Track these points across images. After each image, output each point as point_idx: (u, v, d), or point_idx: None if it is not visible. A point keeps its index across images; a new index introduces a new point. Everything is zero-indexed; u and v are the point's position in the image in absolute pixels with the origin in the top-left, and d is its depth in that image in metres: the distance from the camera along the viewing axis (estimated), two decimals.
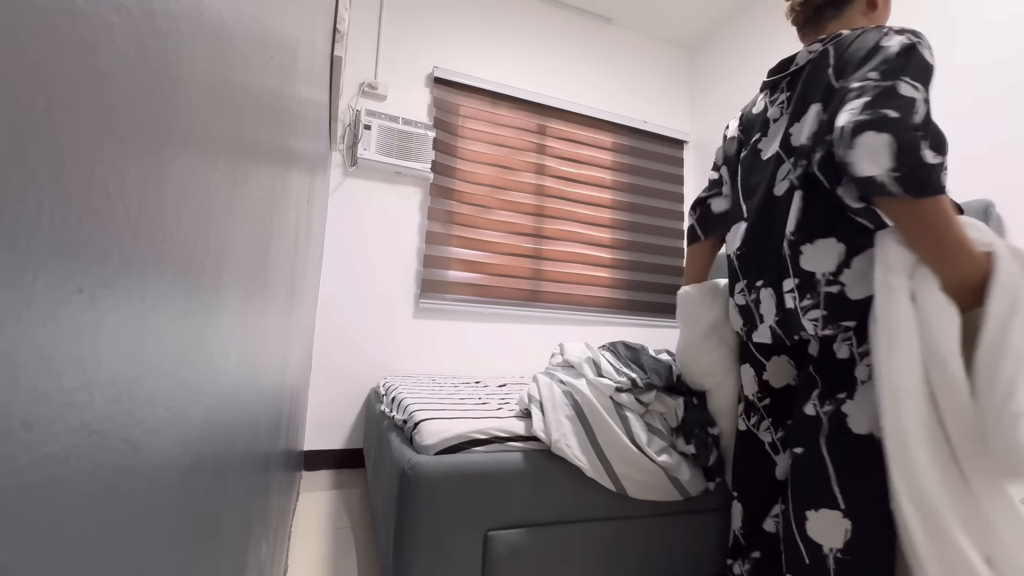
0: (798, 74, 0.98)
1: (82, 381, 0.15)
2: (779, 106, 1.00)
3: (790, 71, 1.00)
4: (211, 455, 0.32)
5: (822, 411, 0.86)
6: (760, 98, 1.08)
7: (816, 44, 0.96)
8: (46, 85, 0.12)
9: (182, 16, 0.21)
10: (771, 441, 1.04)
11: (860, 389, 0.83)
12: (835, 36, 0.93)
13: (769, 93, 1.05)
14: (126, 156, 0.17)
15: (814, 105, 0.89)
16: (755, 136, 1.04)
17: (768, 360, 1.03)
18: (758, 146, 1.02)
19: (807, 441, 0.88)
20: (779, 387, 1.02)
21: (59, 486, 0.14)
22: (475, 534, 0.99)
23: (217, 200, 0.29)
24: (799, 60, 0.98)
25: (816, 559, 0.83)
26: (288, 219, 0.69)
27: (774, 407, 1.04)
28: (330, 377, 2.25)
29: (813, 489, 0.85)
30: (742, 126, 1.11)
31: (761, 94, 1.09)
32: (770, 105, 1.03)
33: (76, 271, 0.14)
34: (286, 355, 0.85)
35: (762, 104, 1.06)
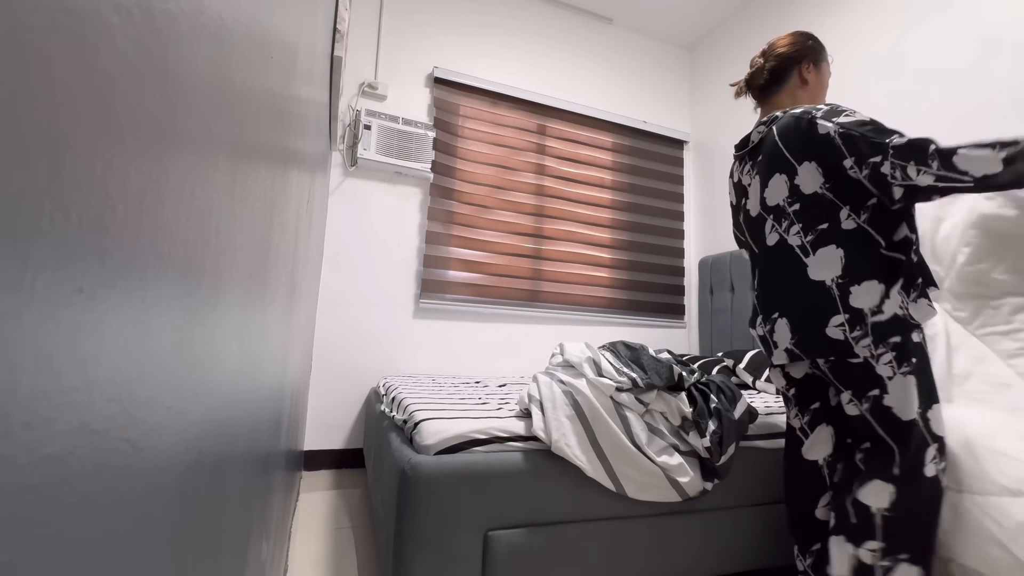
0: (755, 150, 1.20)
1: (82, 381, 0.15)
2: (747, 174, 1.23)
3: (748, 148, 1.23)
4: (211, 455, 0.32)
5: (863, 408, 1.01)
6: (735, 168, 1.30)
7: (761, 127, 1.19)
8: (46, 85, 0.12)
9: (182, 16, 0.21)
10: (800, 426, 1.17)
11: (890, 384, 0.98)
12: (773, 118, 1.16)
13: (739, 164, 1.27)
14: (126, 156, 0.17)
15: (778, 175, 1.11)
16: (742, 200, 1.26)
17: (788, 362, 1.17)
18: (746, 207, 1.23)
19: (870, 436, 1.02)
20: (799, 377, 1.16)
21: (59, 486, 0.14)
22: (475, 534, 0.99)
23: (217, 200, 0.29)
24: (753, 139, 1.21)
25: (863, 517, 0.98)
26: (288, 219, 0.69)
27: (799, 395, 1.17)
28: (330, 377, 2.25)
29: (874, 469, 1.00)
30: (734, 193, 1.32)
31: (735, 164, 1.30)
32: (742, 175, 1.25)
33: (76, 271, 0.14)
34: (286, 355, 0.85)
35: (737, 174, 1.29)
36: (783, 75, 1.22)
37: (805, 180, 1.06)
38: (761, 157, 1.16)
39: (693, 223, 3.12)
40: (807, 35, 1.24)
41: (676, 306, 3.01)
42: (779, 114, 1.15)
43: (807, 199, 1.05)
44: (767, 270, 1.16)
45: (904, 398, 0.97)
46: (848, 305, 0.99)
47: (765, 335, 1.15)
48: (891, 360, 0.98)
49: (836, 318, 1.01)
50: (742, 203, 1.25)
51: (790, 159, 1.08)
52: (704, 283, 2.89)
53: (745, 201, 1.23)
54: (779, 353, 1.11)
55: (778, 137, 1.11)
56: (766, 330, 1.14)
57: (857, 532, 0.98)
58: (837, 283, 1.01)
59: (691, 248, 3.10)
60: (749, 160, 1.22)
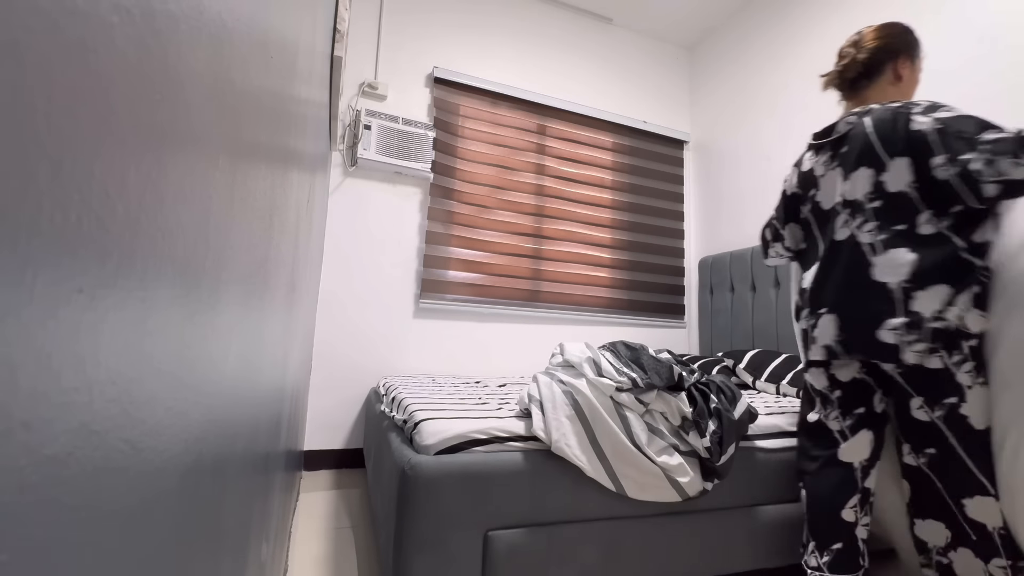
0: (840, 141, 1.15)
1: (82, 381, 0.15)
2: (823, 165, 1.18)
3: (832, 138, 1.17)
4: (211, 455, 0.32)
5: (935, 416, 1.02)
6: (807, 157, 1.25)
7: (852, 117, 1.13)
8: (46, 85, 0.12)
9: (182, 17, 0.21)
10: (839, 429, 1.15)
11: (969, 393, 0.99)
12: (868, 110, 1.11)
13: (814, 153, 1.22)
14: (126, 156, 0.17)
15: (863, 169, 1.07)
16: (811, 192, 1.22)
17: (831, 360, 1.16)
18: (816, 199, 1.20)
19: (935, 442, 1.03)
20: (847, 380, 1.15)
21: (59, 486, 0.14)
22: (475, 534, 0.99)
23: (217, 200, 0.29)
24: (839, 129, 1.15)
25: (982, 535, 1.00)
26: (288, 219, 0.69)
27: (844, 398, 1.15)
28: (330, 377, 2.25)
29: (962, 481, 1.01)
30: (799, 183, 1.27)
31: (808, 152, 1.25)
32: (816, 165, 1.21)
33: (76, 271, 0.14)
34: (286, 355, 0.85)
35: (809, 163, 1.24)
36: (876, 69, 1.16)
37: (893, 177, 1.02)
38: (846, 149, 1.12)
39: (693, 223, 3.12)
40: (905, 28, 1.17)
41: (676, 306, 3.01)
42: (875, 106, 1.10)
43: (890, 197, 1.02)
44: (828, 264, 1.13)
45: (981, 408, 0.98)
46: (908, 309, 0.98)
47: (807, 329, 1.14)
48: (971, 369, 0.98)
49: (892, 321, 1.00)
50: (809, 194, 1.22)
51: (881, 154, 1.04)
52: (704, 283, 2.89)
53: (815, 192, 1.20)
54: (817, 349, 1.10)
55: (872, 130, 1.07)
56: (809, 324, 1.13)
57: (983, 550, 0.99)
58: (902, 287, 1.00)
59: (691, 248, 3.10)
60: (830, 151, 1.17)
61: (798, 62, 2.50)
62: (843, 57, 1.20)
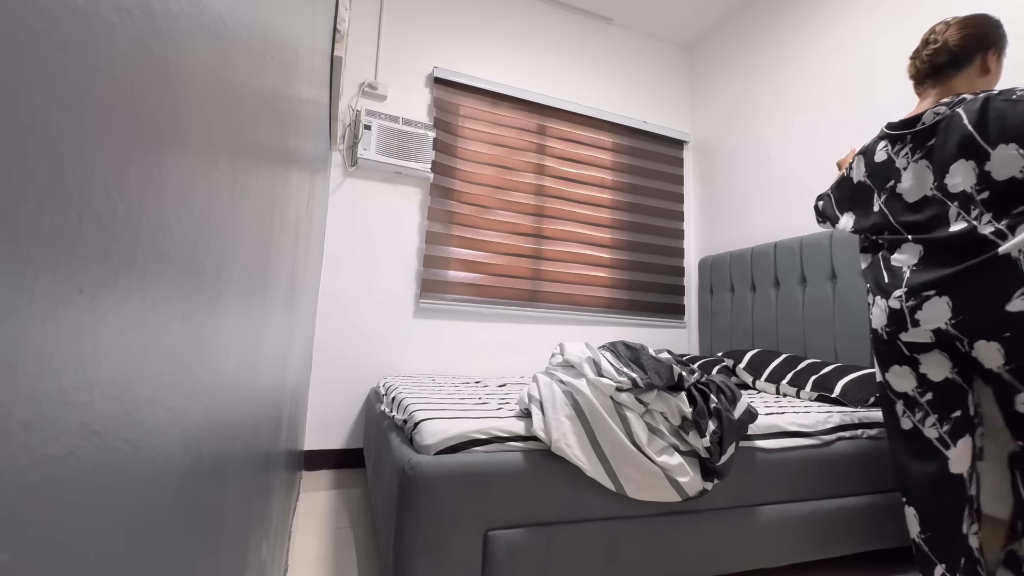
0: (927, 132, 1.12)
1: (82, 381, 0.15)
2: (905, 157, 1.16)
3: (916, 129, 1.14)
4: (211, 455, 0.32)
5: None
6: (881, 147, 1.23)
7: (941, 107, 1.10)
8: (46, 85, 0.12)
9: (182, 16, 0.21)
10: (938, 436, 1.10)
11: None
12: (960, 100, 1.08)
13: (891, 144, 1.20)
14: (126, 156, 0.17)
15: (964, 161, 1.05)
16: (889, 182, 1.19)
17: (921, 356, 1.11)
18: (897, 190, 1.18)
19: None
20: (939, 380, 1.10)
21: (59, 486, 0.14)
22: (475, 534, 0.99)
23: (217, 200, 0.29)
24: (926, 120, 1.12)
25: None
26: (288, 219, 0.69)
27: (937, 401, 1.10)
28: (330, 377, 2.25)
29: None
30: (867, 171, 1.26)
31: (882, 142, 1.23)
32: (894, 156, 1.18)
33: (76, 270, 0.14)
34: (286, 355, 0.85)
35: (884, 154, 1.21)
36: (966, 59, 1.13)
37: (999, 165, 1.00)
38: (935, 141, 1.09)
39: (693, 223, 3.12)
40: (997, 21, 1.15)
41: (676, 306, 3.01)
42: (966, 96, 1.07)
43: (999, 186, 1.00)
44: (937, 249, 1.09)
45: None
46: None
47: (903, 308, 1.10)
48: None
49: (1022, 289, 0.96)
50: (888, 184, 1.19)
51: (983, 144, 1.02)
52: (704, 283, 2.89)
53: (894, 184, 1.17)
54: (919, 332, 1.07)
55: (969, 121, 1.04)
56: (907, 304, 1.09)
57: None
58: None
59: (691, 248, 3.10)
60: (911, 142, 1.14)
61: (798, 63, 2.50)
62: (932, 42, 1.17)
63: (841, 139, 2.26)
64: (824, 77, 2.36)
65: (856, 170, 1.30)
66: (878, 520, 1.38)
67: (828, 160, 2.30)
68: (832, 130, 2.30)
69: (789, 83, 2.54)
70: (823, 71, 2.37)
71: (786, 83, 2.56)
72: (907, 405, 1.14)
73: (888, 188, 1.19)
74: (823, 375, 1.77)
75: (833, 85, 2.32)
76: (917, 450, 1.13)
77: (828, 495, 1.34)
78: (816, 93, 2.40)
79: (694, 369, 1.29)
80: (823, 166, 2.32)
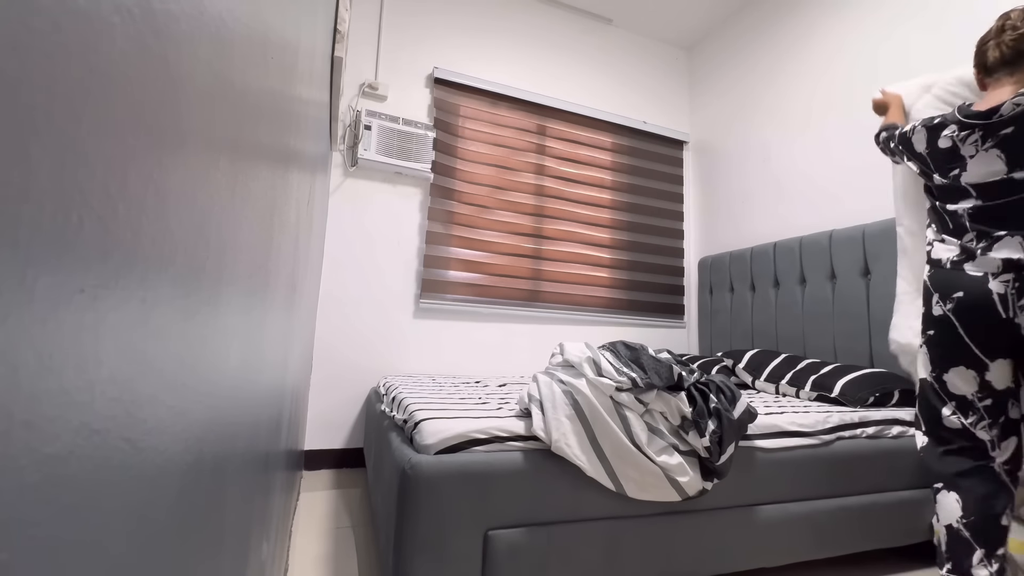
0: (1003, 123, 1.10)
1: (83, 381, 0.15)
2: (973, 145, 1.14)
3: (992, 120, 1.12)
4: (212, 455, 0.32)
5: None
6: (947, 133, 1.20)
7: (1021, 98, 1.08)
8: (46, 85, 0.12)
9: (182, 17, 0.21)
10: (990, 439, 1.12)
11: None
12: None
13: (958, 130, 1.17)
14: (126, 156, 0.17)
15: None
16: (953, 170, 1.18)
17: (992, 362, 1.12)
18: (959, 176, 1.17)
19: None
20: (1001, 388, 1.12)
21: (59, 486, 0.14)
22: (475, 534, 0.99)
23: (218, 200, 0.29)
24: (1004, 112, 1.10)
25: None
26: (288, 219, 0.70)
27: (994, 408, 1.12)
28: (330, 377, 2.25)
29: None
30: (928, 149, 1.24)
31: (950, 127, 1.20)
32: (959, 143, 1.17)
33: (77, 271, 0.14)
34: (286, 355, 0.85)
35: (949, 141, 1.19)
36: None
37: None
38: (1012, 130, 1.09)
39: (693, 223, 3.12)
40: None
41: (676, 306, 3.01)
42: None
43: None
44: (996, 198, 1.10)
45: None
46: None
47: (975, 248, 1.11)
48: None
49: None
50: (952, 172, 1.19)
51: None
52: (704, 283, 2.89)
53: (958, 171, 1.17)
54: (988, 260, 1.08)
55: None
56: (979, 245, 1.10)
57: None
58: None
59: (691, 248, 3.10)
60: (982, 131, 1.14)
61: (797, 63, 2.50)
62: (1013, 28, 1.15)
63: (842, 139, 2.26)
64: (825, 77, 2.36)
65: (916, 139, 1.28)
66: (878, 519, 1.38)
67: (828, 160, 2.30)
68: (833, 130, 2.30)
69: (789, 83, 2.54)
70: (824, 71, 2.37)
71: (786, 83, 2.56)
72: (960, 407, 1.15)
73: (952, 175, 1.19)
74: (822, 375, 1.77)
75: (833, 86, 2.32)
76: (964, 447, 1.14)
77: (827, 495, 1.34)
78: (816, 93, 2.40)
79: (694, 369, 1.29)
80: (823, 166, 2.32)
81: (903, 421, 1.50)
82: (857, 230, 2.02)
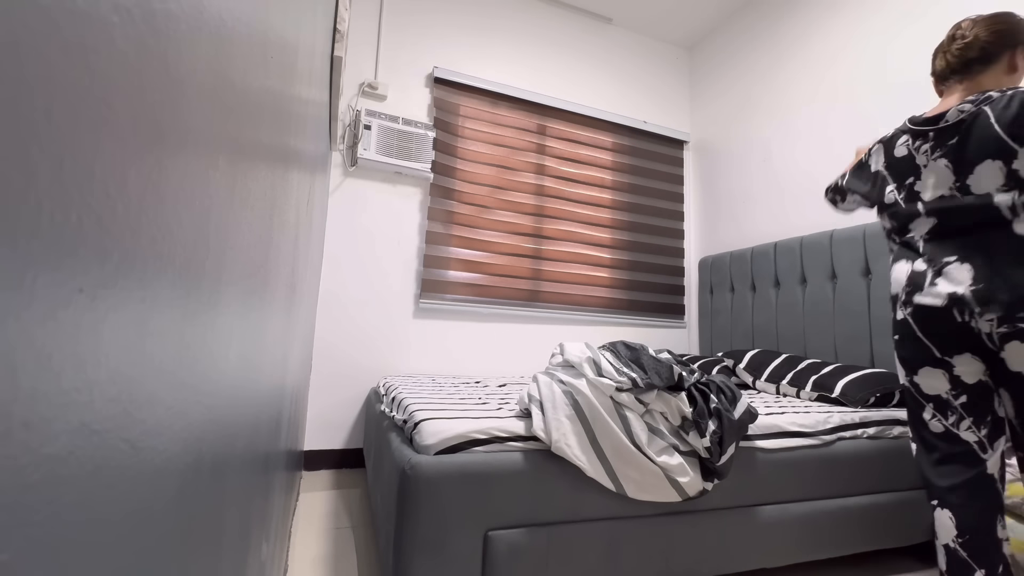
0: (950, 130, 1.11)
1: (82, 381, 0.15)
2: (925, 155, 1.15)
3: (940, 126, 1.13)
4: (211, 455, 0.32)
5: None
6: (901, 142, 1.21)
7: (966, 104, 1.09)
8: (46, 85, 0.12)
9: (182, 16, 0.21)
10: (978, 440, 1.08)
11: None
12: (985, 98, 1.07)
13: (912, 140, 1.19)
14: (126, 156, 0.17)
15: (990, 161, 1.04)
16: (908, 179, 1.18)
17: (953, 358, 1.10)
18: (915, 188, 1.17)
19: None
20: (973, 383, 1.08)
21: (59, 486, 0.14)
22: (475, 534, 0.99)
23: (217, 200, 0.29)
24: (949, 118, 1.11)
25: None
26: (288, 219, 0.70)
27: (971, 404, 1.09)
28: (330, 377, 2.25)
29: None
30: (886, 162, 1.25)
31: (903, 137, 1.21)
32: (915, 152, 1.17)
33: (76, 271, 0.14)
34: (286, 355, 0.85)
35: (904, 149, 1.20)
36: (995, 55, 1.13)
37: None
38: (957, 140, 1.09)
39: (693, 223, 3.12)
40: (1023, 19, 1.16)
41: (676, 306, 3.01)
42: (993, 94, 1.07)
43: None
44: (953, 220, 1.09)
45: None
46: None
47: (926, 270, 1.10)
48: None
49: None
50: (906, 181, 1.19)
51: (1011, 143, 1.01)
52: (704, 283, 2.89)
53: (913, 181, 1.17)
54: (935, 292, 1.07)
55: (996, 120, 1.03)
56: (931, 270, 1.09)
57: None
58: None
59: (691, 248, 3.10)
60: (933, 140, 1.14)
61: (798, 62, 2.50)
62: (960, 38, 1.16)
63: (842, 139, 2.26)
64: (826, 76, 2.36)
65: (875, 159, 1.29)
66: (878, 520, 1.38)
67: (829, 160, 2.30)
68: (833, 130, 2.30)
69: (790, 83, 2.54)
70: (826, 70, 2.37)
71: (787, 83, 2.56)
72: (938, 408, 1.13)
73: (907, 185, 1.19)
74: (823, 375, 1.77)
75: (835, 85, 2.32)
76: (952, 453, 1.10)
77: (828, 495, 1.34)
78: (818, 93, 2.40)
79: (694, 369, 1.29)
80: (824, 166, 2.32)
81: (904, 421, 1.50)
82: (858, 230, 2.02)
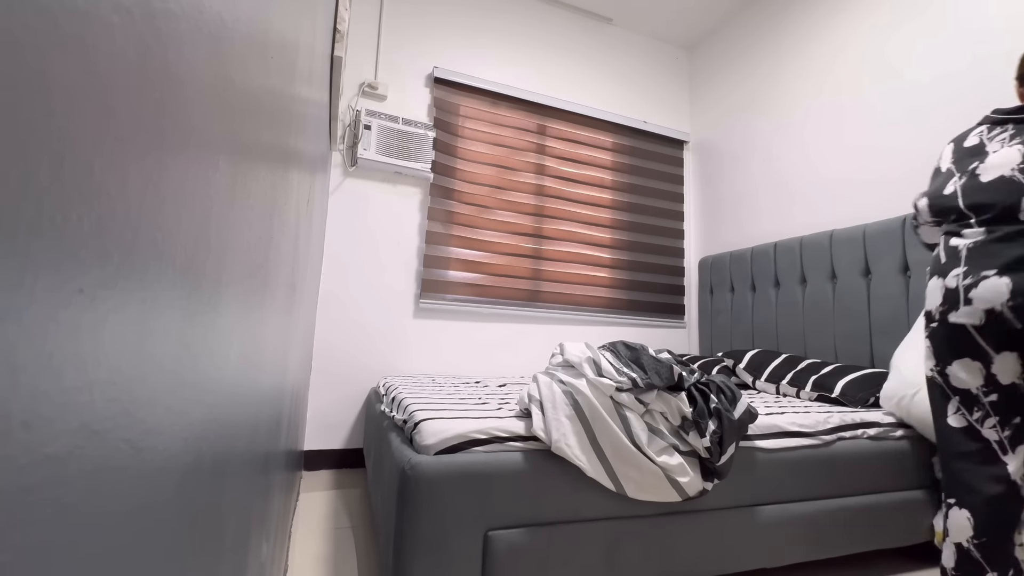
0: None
1: (82, 381, 0.15)
2: (999, 141, 1.14)
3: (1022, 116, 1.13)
4: (211, 455, 0.32)
5: None
6: (975, 132, 1.20)
7: None
8: (46, 85, 0.12)
9: (182, 16, 0.21)
10: (998, 440, 1.06)
11: None
12: None
13: (988, 129, 1.18)
14: (126, 156, 0.17)
15: None
16: (973, 164, 1.16)
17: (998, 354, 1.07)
18: (976, 171, 1.15)
19: None
20: (1007, 384, 1.06)
21: (59, 486, 0.14)
22: (475, 534, 0.99)
23: (217, 200, 0.29)
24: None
25: None
26: (288, 219, 0.69)
27: (1001, 404, 1.06)
28: (330, 377, 2.25)
29: None
30: (954, 158, 1.23)
31: (979, 128, 1.21)
32: (987, 140, 1.16)
33: (76, 271, 0.14)
34: (286, 355, 0.85)
35: (976, 139, 1.19)
36: None
37: None
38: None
39: (693, 223, 3.12)
40: None
41: (676, 306, 3.01)
42: None
43: None
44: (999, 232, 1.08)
45: None
46: None
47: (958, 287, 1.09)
48: None
49: None
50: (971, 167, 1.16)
51: None
52: (704, 283, 2.89)
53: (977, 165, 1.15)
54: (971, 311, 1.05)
55: None
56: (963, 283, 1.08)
57: None
58: None
59: (691, 248, 3.10)
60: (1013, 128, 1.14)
61: (799, 62, 2.50)
62: None
63: (843, 138, 2.26)
64: (828, 77, 2.36)
65: (943, 159, 1.27)
66: (878, 520, 1.38)
67: (829, 160, 2.30)
68: (834, 129, 2.30)
69: (790, 83, 2.54)
70: (827, 71, 2.37)
71: (787, 83, 2.56)
72: (964, 402, 1.10)
73: (969, 170, 1.17)
74: (823, 375, 1.77)
75: (835, 85, 2.32)
76: (972, 450, 1.08)
77: (828, 495, 1.34)
78: (818, 93, 2.40)
79: (694, 369, 1.29)
80: (824, 166, 2.32)
81: (904, 423, 1.50)
82: (858, 230, 2.02)
